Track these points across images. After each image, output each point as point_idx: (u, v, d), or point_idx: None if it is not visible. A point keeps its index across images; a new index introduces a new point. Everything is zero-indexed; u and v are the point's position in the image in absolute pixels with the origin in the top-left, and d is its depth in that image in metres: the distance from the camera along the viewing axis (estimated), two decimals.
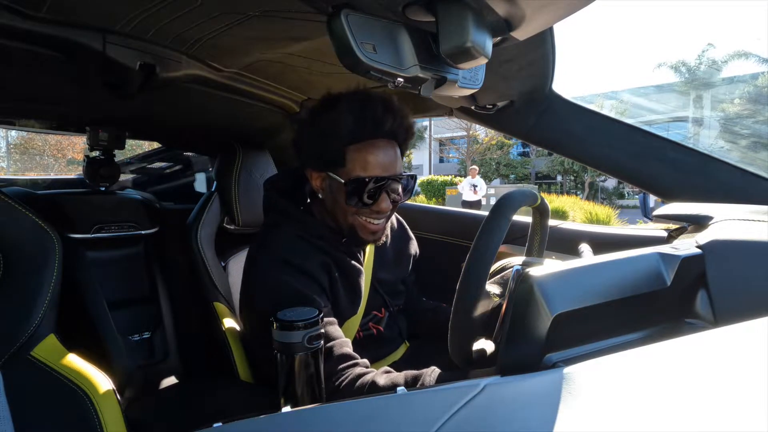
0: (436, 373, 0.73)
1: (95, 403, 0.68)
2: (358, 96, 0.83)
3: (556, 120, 1.05)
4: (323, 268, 0.86)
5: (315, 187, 0.89)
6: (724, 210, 0.73)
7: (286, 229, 0.89)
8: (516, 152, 22.83)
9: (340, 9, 0.51)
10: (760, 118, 16.19)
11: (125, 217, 1.33)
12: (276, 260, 0.83)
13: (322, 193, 0.89)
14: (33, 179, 2.02)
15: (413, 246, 1.12)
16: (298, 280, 0.81)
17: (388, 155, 0.84)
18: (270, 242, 0.88)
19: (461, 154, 21.18)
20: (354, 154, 0.82)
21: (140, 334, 1.31)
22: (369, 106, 0.82)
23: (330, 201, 0.88)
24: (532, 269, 0.47)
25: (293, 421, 0.39)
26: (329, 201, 0.88)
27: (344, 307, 0.89)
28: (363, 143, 0.82)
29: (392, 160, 0.84)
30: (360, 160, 0.82)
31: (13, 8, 0.66)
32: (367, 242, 0.91)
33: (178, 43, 0.84)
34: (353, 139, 0.82)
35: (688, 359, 0.38)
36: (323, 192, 0.88)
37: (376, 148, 0.82)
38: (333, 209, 0.88)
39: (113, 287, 1.29)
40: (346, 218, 0.87)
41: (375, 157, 0.82)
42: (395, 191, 0.86)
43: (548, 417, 0.31)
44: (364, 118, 0.81)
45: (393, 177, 0.84)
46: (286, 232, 0.88)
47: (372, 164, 0.82)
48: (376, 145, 0.82)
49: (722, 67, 17.73)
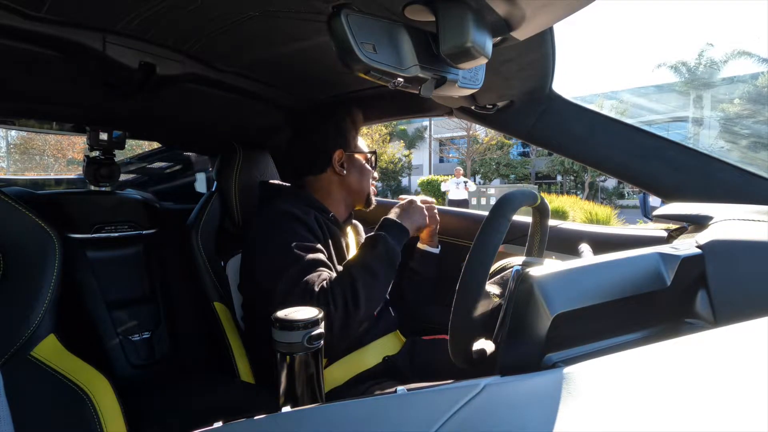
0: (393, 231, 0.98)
1: (95, 403, 0.69)
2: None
3: (556, 120, 1.05)
4: (318, 225, 1.01)
5: (338, 170, 1.10)
6: (724, 210, 0.73)
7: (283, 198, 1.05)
8: (516, 152, 22.84)
9: (340, 9, 0.51)
10: (760, 118, 16.19)
11: (125, 217, 1.33)
12: (278, 212, 0.98)
13: (347, 170, 1.11)
14: (33, 179, 2.02)
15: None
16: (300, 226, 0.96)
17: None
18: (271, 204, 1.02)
19: (461, 154, 21.18)
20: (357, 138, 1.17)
21: (140, 334, 1.30)
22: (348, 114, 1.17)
23: (357, 172, 1.13)
24: (532, 269, 0.47)
25: (293, 421, 0.39)
26: (356, 173, 1.13)
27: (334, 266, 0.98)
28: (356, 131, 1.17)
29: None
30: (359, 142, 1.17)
31: (13, 8, 0.66)
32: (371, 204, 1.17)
33: (178, 43, 0.84)
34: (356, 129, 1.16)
35: (688, 359, 0.38)
36: (348, 168, 1.11)
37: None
38: (359, 179, 1.13)
39: (113, 287, 1.29)
40: (367, 185, 1.14)
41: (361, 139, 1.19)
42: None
43: (548, 417, 0.31)
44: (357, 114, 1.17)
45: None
46: (283, 201, 1.03)
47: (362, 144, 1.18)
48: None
49: (722, 66, 17.73)
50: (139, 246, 1.38)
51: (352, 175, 1.12)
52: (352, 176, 1.12)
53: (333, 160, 1.10)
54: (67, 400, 0.68)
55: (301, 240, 0.92)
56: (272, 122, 1.35)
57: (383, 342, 1.03)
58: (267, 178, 1.34)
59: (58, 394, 0.68)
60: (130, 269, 1.35)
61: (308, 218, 0.98)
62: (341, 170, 1.10)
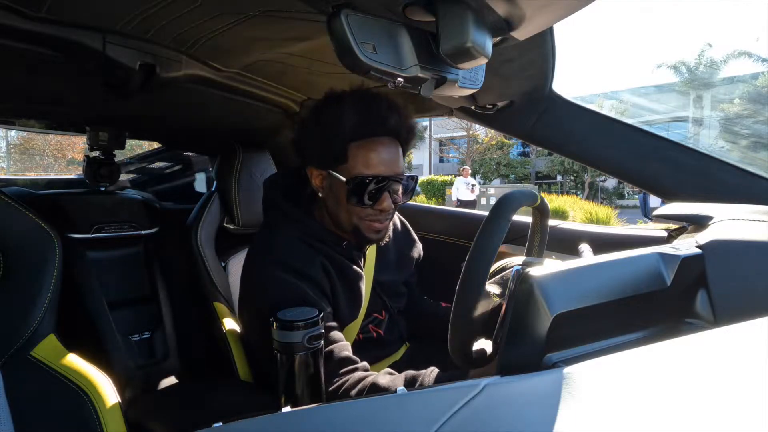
0: (435, 373, 0.74)
1: (95, 403, 0.69)
2: (361, 93, 0.82)
3: (556, 120, 1.04)
4: (324, 271, 0.85)
5: (315, 186, 0.87)
6: (724, 210, 0.73)
7: (286, 230, 0.88)
8: (516, 152, 22.81)
9: (340, 9, 0.51)
10: (760, 118, 16.19)
11: (125, 217, 1.33)
12: (276, 263, 0.82)
13: (322, 192, 0.87)
14: (33, 179, 2.03)
15: (417, 249, 1.11)
16: (299, 284, 0.80)
17: (390, 153, 0.82)
18: (270, 244, 0.87)
19: (461, 154, 21.17)
20: (356, 151, 0.80)
21: (140, 334, 1.31)
22: (373, 102, 0.81)
23: (332, 200, 0.86)
24: (532, 269, 0.47)
25: (293, 421, 0.39)
26: (331, 200, 0.86)
27: (344, 312, 0.88)
28: (366, 140, 0.80)
29: (395, 158, 0.83)
30: (362, 157, 0.80)
31: (13, 8, 0.66)
32: (371, 241, 0.89)
33: (178, 43, 0.84)
34: (356, 136, 0.80)
35: (688, 359, 0.38)
36: (323, 191, 0.87)
37: (379, 145, 0.81)
38: (335, 209, 0.86)
39: (113, 287, 1.29)
40: (349, 218, 0.85)
41: (378, 154, 0.81)
42: (396, 192, 0.86)
43: (548, 417, 0.31)
44: (369, 115, 0.80)
45: (394, 177, 0.83)
46: (287, 234, 0.87)
47: (374, 162, 0.80)
48: (380, 142, 0.81)
49: (722, 66, 17.73)
50: (139, 246, 1.38)
51: (329, 201, 0.86)
52: (330, 203, 0.87)
53: (309, 176, 0.87)
54: (67, 400, 0.68)
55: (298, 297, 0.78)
56: (272, 122, 1.35)
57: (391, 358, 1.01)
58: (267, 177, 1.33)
59: (58, 394, 0.68)
60: (130, 269, 1.35)
61: (310, 267, 0.82)
62: (319, 190, 0.87)
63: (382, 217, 0.86)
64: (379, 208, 0.84)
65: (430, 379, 0.72)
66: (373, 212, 0.85)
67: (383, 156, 0.81)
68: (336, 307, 0.86)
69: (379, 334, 0.98)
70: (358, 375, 0.76)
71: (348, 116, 0.79)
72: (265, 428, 0.39)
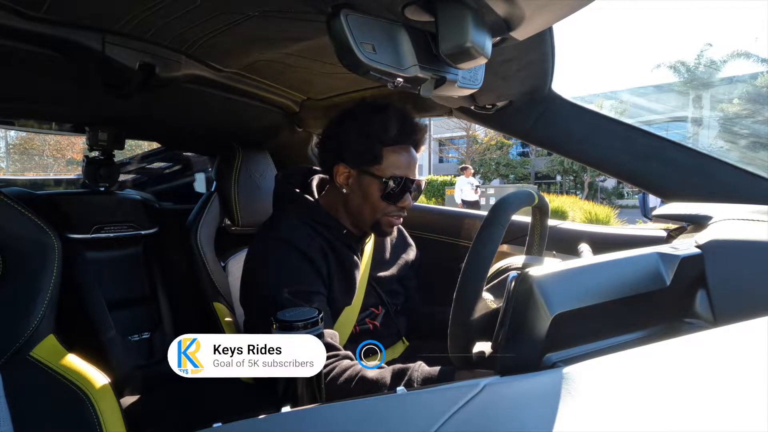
0: (424, 367, 0.75)
1: (95, 403, 0.68)
2: (399, 106, 0.96)
3: (555, 120, 1.05)
4: (322, 254, 0.92)
5: (339, 183, 0.95)
6: (723, 210, 0.73)
7: (292, 212, 0.96)
8: (516, 152, 22.82)
9: (340, 9, 0.51)
10: (760, 118, 16.20)
11: (125, 217, 1.33)
12: (279, 239, 0.90)
13: (347, 188, 0.95)
14: (33, 179, 2.02)
15: (412, 252, 1.16)
16: (299, 261, 0.88)
17: (413, 159, 0.96)
18: (276, 223, 0.95)
19: (461, 154, 21.18)
20: (392, 155, 0.92)
21: (140, 334, 1.31)
22: (408, 115, 0.95)
23: (358, 196, 0.94)
24: (532, 269, 0.47)
25: (293, 421, 0.39)
26: (356, 196, 0.95)
27: (338, 296, 0.93)
28: (400, 146, 0.93)
29: (415, 164, 0.97)
30: (397, 161, 0.92)
31: (13, 8, 0.66)
32: (386, 234, 1.01)
33: (177, 43, 0.84)
34: (394, 141, 0.92)
35: (688, 359, 0.38)
36: (348, 188, 0.95)
37: (408, 153, 0.94)
38: (359, 204, 0.95)
39: (113, 287, 1.29)
40: (373, 213, 0.95)
41: (408, 159, 0.94)
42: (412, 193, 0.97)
43: (548, 417, 0.31)
44: (406, 125, 0.93)
45: (417, 180, 0.96)
46: (292, 215, 0.95)
47: (405, 165, 0.93)
48: (409, 150, 0.95)
49: (721, 67, 17.74)
50: (139, 246, 1.38)
51: (355, 196, 0.95)
52: (354, 198, 0.95)
53: (335, 173, 0.96)
54: (66, 401, 0.68)
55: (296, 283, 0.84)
56: (272, 122, 1.35)
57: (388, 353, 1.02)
58: (267, 178, 1.34)
59: (58, 394, 0.68)
60: (129, 269, 1.35)
61: (311, 248, 0.89)
62: (343, 186, 0.95)
63: (400, 214, 0.97)
64: (402, 205, 0.96)
65: (419, 373, 0.74)
66: (396, 209, 0.95)
67: (411, 161, 0.95)
68: (330, 288, 0.92)
69: (375, 327, 1.00)
70: (345, 363, 0.78)
71: (392, 124, 0.91)
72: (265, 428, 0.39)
